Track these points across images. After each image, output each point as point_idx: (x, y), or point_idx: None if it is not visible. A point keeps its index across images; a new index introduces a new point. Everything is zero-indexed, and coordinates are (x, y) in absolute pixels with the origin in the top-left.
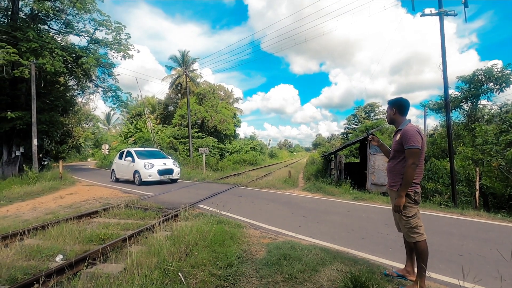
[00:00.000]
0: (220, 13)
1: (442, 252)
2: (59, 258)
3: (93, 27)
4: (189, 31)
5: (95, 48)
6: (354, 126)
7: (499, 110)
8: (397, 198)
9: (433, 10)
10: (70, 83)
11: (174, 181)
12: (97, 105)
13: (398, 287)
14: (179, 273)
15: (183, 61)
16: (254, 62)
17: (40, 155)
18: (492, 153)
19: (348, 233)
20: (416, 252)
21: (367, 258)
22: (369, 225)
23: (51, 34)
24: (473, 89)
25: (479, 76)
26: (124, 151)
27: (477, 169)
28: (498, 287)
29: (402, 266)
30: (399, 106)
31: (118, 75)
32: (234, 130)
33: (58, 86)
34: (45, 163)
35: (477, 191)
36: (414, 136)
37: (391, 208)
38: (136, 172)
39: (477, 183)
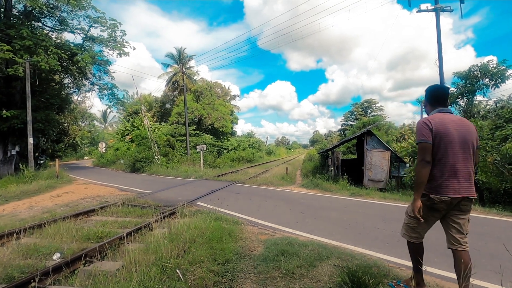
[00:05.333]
0: (217, 10)
1: (438, 246)
2: (56, 256)
3: (88, 24)
4: (186, 28)
5: (90, 45)
6: (351, 122)
7: (495, 106)
8: (412, 202)
9: (429, 6)
10: (66, 81)
11: None
12: (93, 103)
13: (395, 282)
14: (177, 270)
15: (180, 58)
16: (251, 59)
17: (36, 154)
18: (487, 148)
19: (345, 228)
20: (408, 249)
21: (364, 253)
22: (366, 220)
23: (45, 31)
24: (469, 85)
25: (475, 72)
26: None
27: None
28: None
29: (398, 260)
30: (427, 96)
31: (114, 72)
32: (232, 128)
33: (54, 84)
34: (41, 161)
35: None
36: (420, 130)
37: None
38: None
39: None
